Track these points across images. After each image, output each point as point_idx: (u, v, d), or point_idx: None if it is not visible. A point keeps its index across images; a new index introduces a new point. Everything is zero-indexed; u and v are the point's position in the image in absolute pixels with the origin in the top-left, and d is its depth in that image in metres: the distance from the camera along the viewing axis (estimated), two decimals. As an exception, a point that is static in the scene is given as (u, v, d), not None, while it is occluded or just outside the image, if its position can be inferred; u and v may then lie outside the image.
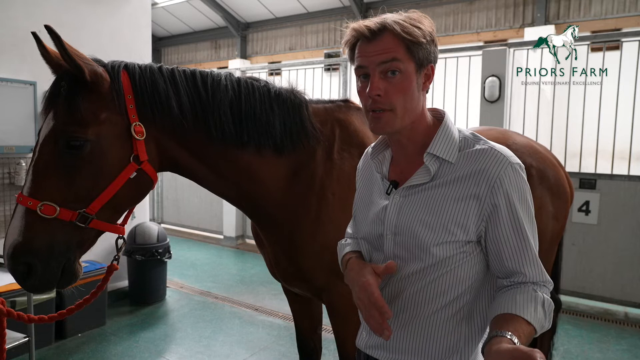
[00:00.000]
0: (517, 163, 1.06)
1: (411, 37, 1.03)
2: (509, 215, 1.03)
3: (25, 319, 1.81)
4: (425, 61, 1.07)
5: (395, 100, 1.05)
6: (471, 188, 1.04)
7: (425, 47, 1.05)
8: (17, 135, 3.58)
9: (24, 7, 3.65)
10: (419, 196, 1.09)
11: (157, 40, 12.51)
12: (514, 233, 1.03)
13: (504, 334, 0.91)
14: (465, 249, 1.06)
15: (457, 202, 1.04)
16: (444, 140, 1.09)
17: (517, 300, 0.99)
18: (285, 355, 3.51)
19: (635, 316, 4.28)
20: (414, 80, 1.06)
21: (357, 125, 1.89)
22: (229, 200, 1.81)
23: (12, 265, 1.34)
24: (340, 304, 1.82)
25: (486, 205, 1.03)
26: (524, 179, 1.06)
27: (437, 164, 1.08)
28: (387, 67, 1.04)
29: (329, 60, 7.12)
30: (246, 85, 1.68)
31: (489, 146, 1.07)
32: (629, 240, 4.19)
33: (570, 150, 4.87)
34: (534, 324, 0.96)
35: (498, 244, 1.05)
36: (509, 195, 1.02)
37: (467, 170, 1.05)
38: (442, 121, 1.14)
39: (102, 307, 3.93)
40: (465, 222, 1.04)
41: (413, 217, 1.08)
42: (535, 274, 1.04)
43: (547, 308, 1.01)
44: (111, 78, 1.47)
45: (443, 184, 1.07)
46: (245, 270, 5.85)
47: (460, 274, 1.08)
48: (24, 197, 1.35)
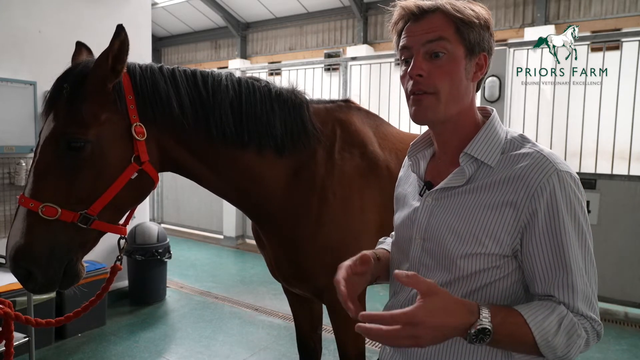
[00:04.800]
0: (566, 171, 0.91)
1: (462, 16, 0.94)
2: (548, 227, 0.88)
3: (33, 323, 1.82)
4: (477, 47, 0.96)
5: (439, 82, 0.94)
6: (508, 195, 0.91)
7: (477, 31, 0.95)
8: (17, 135, 3.57)
9: (24, 7, 3.65)
10: (450, 200, 0.99)
11: (157, 40, 12.51)
12: (551, 248, 0.88)
13: (478, 303, 0.82)
14: (499, 264, 0.93)
15: (490, 210, 0.92)
16: (486, 140, 0.98)
17: (530, 303, 0.88)
18: (285, 355, 3.51)
19: (635, 316, 4.28)
20: (461, 65, 0.95)
21: (358, 125, 1.89)
22: (230, 200, 1.81)
23: (15, 267, 1.35)
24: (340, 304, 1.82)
25: (524, 215, 0.89)
26: (574, 190, 0.90)
27: (474, 166, 0.97)
28: (432, 47, 0.94)
29: (329, 60, 7.12)
30: (247, 85, 1.68)
31: (536, 150, 0.94)
32: (629, 240, 4.19)
33: (570, 150, 4.87)
34: (533, 328, 0.82)
35: (531, 259, 0.90)
36: (551, 203, 0.88)
37: (505, 175, 0.93)
38: (488, 119, 1.02)
39: (102, 307, 3.92)
40: (499, 233, 0.91)
41: (443, 223, 0.98)
42: (569, 301, 0.87)
43: (566, 328, 0.84)
44: None
45: (478, 188, 0.95)
46: (245, 270, 5.85)
47: (494, 294, 0.94)
48: (26, 198, 1.35)
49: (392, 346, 0.81)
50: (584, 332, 0.87)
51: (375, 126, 1.99)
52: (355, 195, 1.77)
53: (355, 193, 1.77)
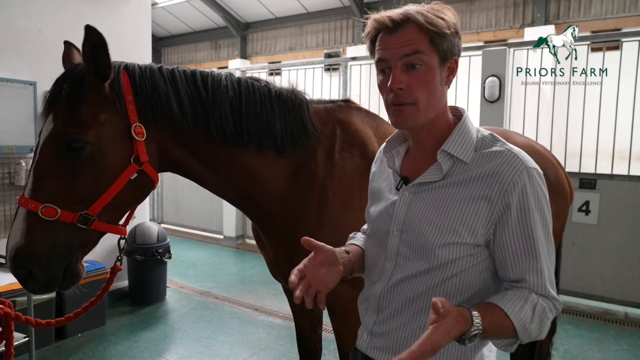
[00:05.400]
0: (534, 168, 1.01)
1: (435, 29, 0.99)
2: (520, 219, 0.97)
3: (33, 323, 1.82)
4: (449, 54, 1.03)
5: (418, 93, 1.01)
6: (483, 189, 0.99)
7: (449, 39, 1.02)
8: (17, 135, 3.58)
9: (24, 7, 3.65)
10: (428, 194, 1.06)
11: (157, 40, 12.50)
12: (522, 238, 0.98)
13: (469, 307, 0.89)
14: (472, 253, 1.02)
15: (466, 203, 1.00)
16: (460, 138, 1.05)
17: (506, 295, 0.97)
18: (285, 355, 3.51)
19: (635, 316, 4.28)
20: (437, 74, 1.03)
21: (358, 125, 1.89)
22: (230, 200, 1.81)
23: (14, 267, 1.35)
24: (340, 304, 1.82)
25: (497, 208, 0.98)
26: (540, 185, 1.01)
27: (450, 162, 1.05)
28: (409, 60, 1.00)
29: (329, 60, 7.12)
30: (247, 85, 1.68)
31: (506, 148, 1.03)
32: (629, 240, 4.19)
33: (570, 150, 4.87)
34: (514, 320, 0.91)
35: (504, 247, 1.00)
36: (522, 198, 0.97)
37: (480, 171, 1.01)
38: (460, 119, 1.10)
39: (102, 307, 3.93)
40: (474, 224, 1.00)
41: (421, 216, 1.05)
42: (539, 284, 0.98)
43: (539, 313, 0.95)
44: (111, 79, 1.47)
45: (454, 183, 1.03)
46: (245, 270, 5.85)
47: (467, 280, 1.03)
48: (26, 199, 1.35)
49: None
50: (550, 313, 0.98)
51: (375, 126, 1.99)
52: (355, 195, 1.77)
53: (355, 193, 1.77)
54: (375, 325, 1.15)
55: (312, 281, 1.07)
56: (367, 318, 1.18)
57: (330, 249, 1.11)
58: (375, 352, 1.15)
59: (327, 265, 1.09)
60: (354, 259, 1.20)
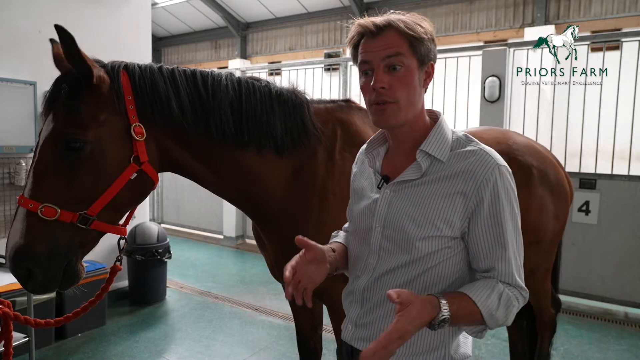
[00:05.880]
0: (504, 166, 1.09)
1: (414, 34, 1.08)
2: (491, 212, 1.06)
3: (32, 323, 1.82)
4: (426, 58, 1.11)
5: (399, 93, 1.08)
6: (459, 185, 1.07)
7: (426, 44, 1.10)
8: (17, 135, 3.58)
9: (24, 7, 3.65)
10: (408, 191, 1.13)
11: (157, 40, 12.50)
12: (493, 229, 1.06)
13: (437, 295, 0.97)
14: (450, 245, 1.09)
15: (444, 199, 1.08)
16: (437, 139, 1.13)
17: (474, 284, 1.05)
18: (285, 355, 3.51)
19: (635, 316, 4.28)
20: (416, 75, 1.10)
21: (359, 125, 1.89)
22: (230, 200, 1.81)
23: (14, 267, 1.35)
24: (340, 304, 1.82)
25: (472, 202, 1.06)
26: (510, 181, 1.09)
27: (428, 161, 1.12)
28: (391, 62, 1.08)
29: (329, 60, 7.12)
30: (247, 85, 1.68)
31: (479, 147, 1.12)
32: (629, 240, 4.19)
33: (570, 150, 4.87)
34: (481, 307, 0.99)
35: (477, 237, 1.08)
36: (494, 193, 1.06)
37: (456, 169, 1.09)
38: (437, 121, 1.18)
39: (102, 307, 3.93)
40: (451, 218, 1.07)
41: (402, 212, 1.12)
42: (507, 273, 1.06)
43: (505, 302, 1.03)
44: (111, 79, 1.47)
45: (432, 181, 1.10)
46: (245, 270, 5.85)
47: (445, 271, 1.10)
48: (25, 199, 1.35)
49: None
50: (516, 302, 1.06)
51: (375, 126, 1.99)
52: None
53: (355, 193, 1.77)
54: (360, 317, 1.20)
55: (302, 278, 1.13)
56: (352, 310, 1.24)
57: (320, 247, 1.17)
58: (360, 342, 1.20)
59: (316, 262, 1.15)
60: (338, 256, 1.26)
